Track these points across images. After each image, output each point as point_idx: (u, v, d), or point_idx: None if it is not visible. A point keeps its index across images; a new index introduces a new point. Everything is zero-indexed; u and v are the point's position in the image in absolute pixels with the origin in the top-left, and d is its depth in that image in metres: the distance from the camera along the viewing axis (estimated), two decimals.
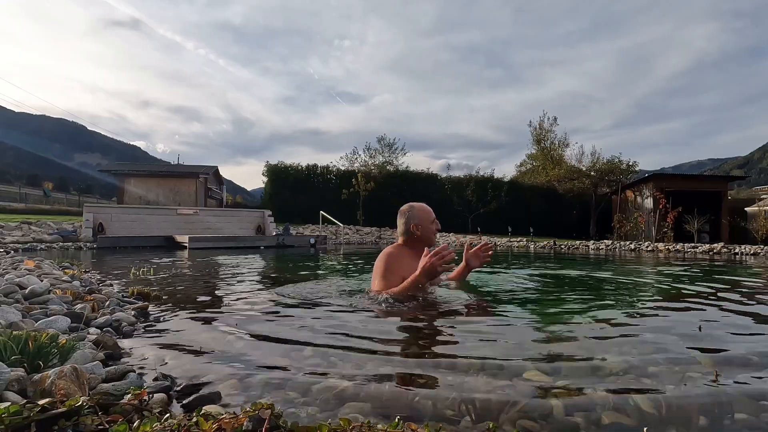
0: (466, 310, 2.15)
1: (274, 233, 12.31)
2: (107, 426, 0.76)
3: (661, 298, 2.76)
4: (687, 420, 0.95)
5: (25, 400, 0.84)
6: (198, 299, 2.47)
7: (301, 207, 18.47)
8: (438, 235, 2.66)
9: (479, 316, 2.06)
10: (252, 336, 1.62)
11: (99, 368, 1.10)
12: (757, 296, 2.88)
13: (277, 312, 2.15)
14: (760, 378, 1.21)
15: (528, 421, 0.93)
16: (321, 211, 14.89)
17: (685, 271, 4.91)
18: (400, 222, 2.46)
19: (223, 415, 0.79)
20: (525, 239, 13.36)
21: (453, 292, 2.59)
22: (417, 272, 2.12)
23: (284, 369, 1.24)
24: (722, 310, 2.29)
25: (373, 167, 23.11)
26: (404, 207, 2.49)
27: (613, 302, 2.59)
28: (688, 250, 9.72)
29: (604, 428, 0.92)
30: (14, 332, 1.16)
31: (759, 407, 1.02)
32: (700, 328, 1.80)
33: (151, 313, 2.02)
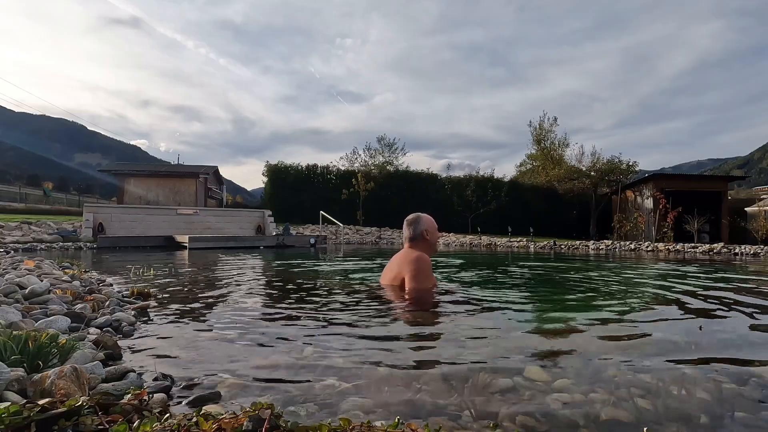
0: (466, 309, 2.15)
1: (274, 233, 12.31)
2: (107, 426, 0.76)
3: (660, 297, 2.76)
4: (687, 417, 0.95)
5: (25, 400, 0.84)
6: (198, 299, 2.47)
7: (301, 207, 18.45)
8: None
9: (479, 315, 2.06)
10: (252, 335, 1.62)
11: (99, 368, 1.10)
12: (756, 295, 2.88)
13: (277, 311, 2.15)
14: (759, 376, 1.21)
15: (528, 418, 0.94)
16: (321, 211, 14.89)
17: (684, 270, 4.91)
18: (410, 228, 2.67)
19: (223, 415, 0.79)
20: (525, 239, 13.35)
21: (453, 293, 2.60)
22: None
23: (285, 368, 1.24)
24: (723, 309, 2.29)
25: (373, 167, 23.06)
26: (412, 216, 2.72)
27: (613, 301, 2.59)
28: (688, 250, 9.72)
29: (603, 425, 0.92)
30: (14, 332, 1.17)
31: (758, 406, 1.02)
32: (700, 328, 1.81)
33: (151, 312, 2.02)
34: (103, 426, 0.76)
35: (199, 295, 2.62)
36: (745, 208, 17.48)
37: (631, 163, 21.01)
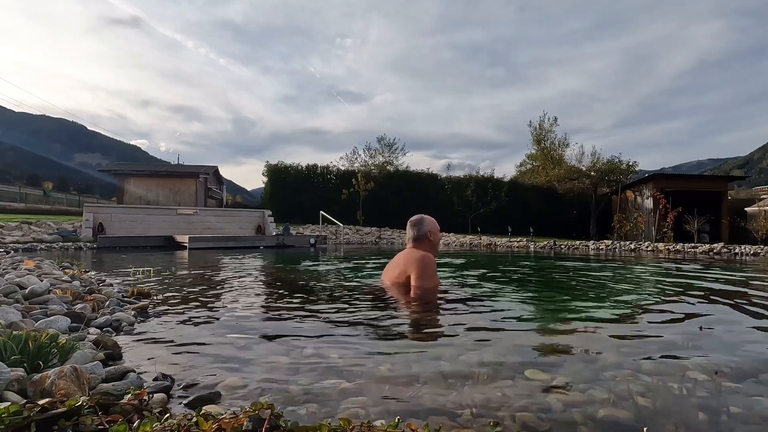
0: (467, 309, 2.15)
1: (274, 233, 12.31)
2: (107, 426, 0.76)
3: (660, 296, 2.76)
4: (686, 417, 0.95)
5: (25, 400, 0.84)
6: (198, 299, 2.47)
7: (301, 207, 18.45)
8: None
9: (480, 314, 2.06)
10: (252, 335, 1.62)
11: (99, 368, 1.10)
12: (756, 295, 2.88)
13: (277, 311, 2.15)
14: (759, 375, 1.21)
15: (529, 417, 0.94)
16: (321, 211, 14.88)
17: (683, 269, 4.91)
18: (414, 229, 2.73)
19: (223, 415, 0.79)
20: (525, 239, 13.35)
21: (455, 293, 2.60)
22: None
23: (285, 368, 1.24)
24: (722, 309, 2.29)
25: (373, 167, 23.05)
26: (416, 217, 2.78)
27: (613, 301, 2.59)
28: (688, 250, 9.72)
29: (602, 423, 0.92)
30: (14, 332, 1.16)
31: (757, 405, 1.02)
32: (701, 328, 1.80)
33: (151, 312, 2.02)
34: (103, 426, 0.76)
35: (199, 295, 2.62)
36: (745, 208, 17.48)
37: (631, 163, 21.01)
